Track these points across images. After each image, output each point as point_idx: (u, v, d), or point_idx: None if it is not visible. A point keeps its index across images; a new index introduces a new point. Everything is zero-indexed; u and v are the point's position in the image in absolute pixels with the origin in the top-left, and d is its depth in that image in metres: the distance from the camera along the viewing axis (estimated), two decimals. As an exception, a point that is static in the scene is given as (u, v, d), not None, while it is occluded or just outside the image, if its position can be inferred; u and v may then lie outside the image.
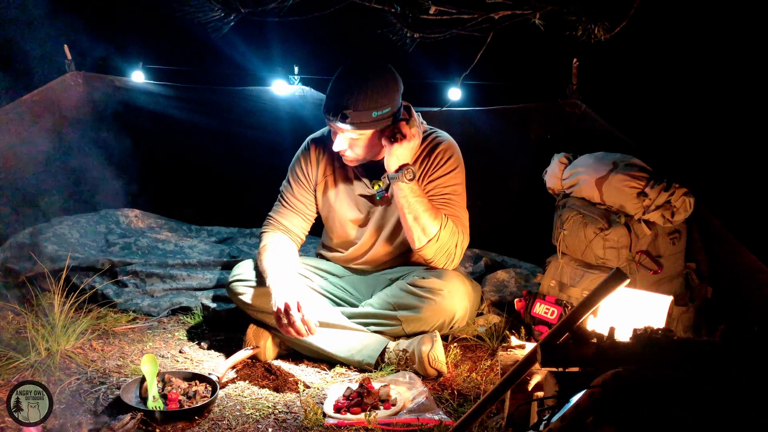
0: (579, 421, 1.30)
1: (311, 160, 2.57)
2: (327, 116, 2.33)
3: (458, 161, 2.50)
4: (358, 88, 2.28)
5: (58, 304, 2.37)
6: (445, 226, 2.38)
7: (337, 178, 2.56)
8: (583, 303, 1.48)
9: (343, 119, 2.28)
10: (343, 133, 2.35)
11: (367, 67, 2.35)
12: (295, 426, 2.01)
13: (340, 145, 2.38)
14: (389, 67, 2.37)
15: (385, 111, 2.32)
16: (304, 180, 2.58)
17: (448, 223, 2.38)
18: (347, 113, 2.27)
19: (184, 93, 3.59)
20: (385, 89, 2.32)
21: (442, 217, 2.38)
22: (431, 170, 2.48)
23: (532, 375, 1.80)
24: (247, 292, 2.46)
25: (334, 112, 2.29)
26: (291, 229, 2.56)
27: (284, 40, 3.42)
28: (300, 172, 2.58)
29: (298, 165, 2.59)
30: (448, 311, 2.40)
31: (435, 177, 2.47)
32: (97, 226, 3.46)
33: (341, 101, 2.28)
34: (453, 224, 2.40)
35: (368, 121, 2.31)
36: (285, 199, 2.60)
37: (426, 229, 2.36)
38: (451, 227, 2.39)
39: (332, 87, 2.34)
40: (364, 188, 2.52)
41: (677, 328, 2.45)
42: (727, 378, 1.34)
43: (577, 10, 1.83)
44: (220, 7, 2.01)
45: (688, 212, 2.46)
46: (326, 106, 2.33)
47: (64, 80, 3.53)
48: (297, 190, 2.58)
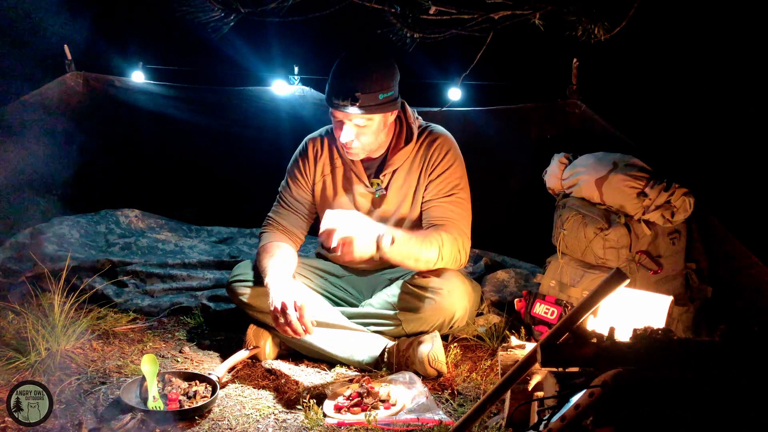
0: (579, 421, 1.30)
1: (309, 160, 2.56)
2: (334, 102, 2.28)
3: (456, 154, 2.49)
4: (362, 71, 2.27)
5: (58, 304, 2.37)
6: (443, 243, 2.34)
7: (336, 178, 2.55)
8: (583, 303, 1.48)
9: (354, 102, 2.25)
10: (350, 121, 2.32)
11: (367, 51, 2.33)
12: (295, 426, 2.01)
13: (348, 135, 2.34)
14: (385, 51, 2.35)
15: (390, 93, 2.31)
16: (302, 180, 2.58)
17: (444, 238, 2.35)
18: (357, 95, 2.24)
19: (184, 93, 3.59)
20: (388, 71, 2.31)
21: (435, 238, 2.33)
22: (430, 167, 2.46)
23: (532, 375, 1.80)
24: (247, 292, 2.46)
25: (343, 97, 2.25)
26: (290, 229, 2.56)
27: (284, 40, 3.42)
28: (298, 172, 2.58)
29: (296, 165, 2.59)
30: (447, 310, 2.40)
31: (435, 175, 2.46)
32: (97, 226, 3.46)
33: (348, 86, 2.25)
34: (448, 234, 2.37)
35: (376, 104, 2.28)
36: (284, 200, 2.59)
37: (429, 260, 2.34)
38: (449, 239, 2.36)
39: (335, 74, 2.31)
40: (363, 187, 2.52)
41: (677, 328, 2.45)
42: (727, 378, 1.34)
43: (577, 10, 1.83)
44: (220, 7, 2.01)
45: (688, 212, 2.46)
46: (331, 93, 2.29)
47: (64, 80, 3.53)
48: (295, 190, 2.58)
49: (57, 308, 2.36)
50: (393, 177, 2.49)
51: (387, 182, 2.49)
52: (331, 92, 2.30)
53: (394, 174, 2.49)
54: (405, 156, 2.47)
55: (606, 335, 1.43)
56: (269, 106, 3.49)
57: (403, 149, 2.46)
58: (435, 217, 2.43)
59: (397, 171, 2.49)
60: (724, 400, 1.30)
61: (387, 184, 2.48)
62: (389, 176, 2.49)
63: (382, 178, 2.48)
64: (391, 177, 2.49)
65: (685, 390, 1.31)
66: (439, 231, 2.38)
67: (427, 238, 2.34)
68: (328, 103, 2.32)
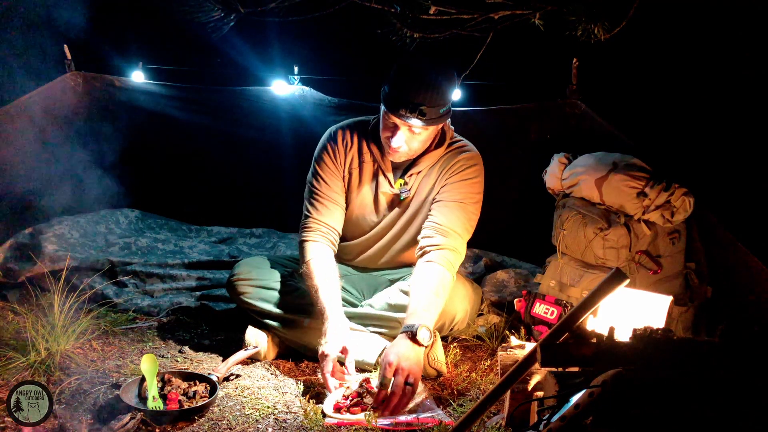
0: (579, 420, 1.30)
1: (339, 148, 2.49)
2: (398, 111, 2.24)
3: (479, 172, 2.45)
4: (430, 84, 2.23)
5: (58, 304, 2.37)
6: (444, 284, 2.28)
7: (363, 173, 2.50)
8: (583, 303, 1.48)
9: (421, 115, 2.23)
10: (409, 128, 2.29)
11: (432, 62, 2.29)
12: (295, 426, 2.01)
13: (400, 140, 2.31)
14: (450, 62, 2.33)
15: (448, 106, 2.31)
16: (335, 168, 2.49)
17: (443, 279, 2.28)
18: (424, 110, 2.22)
19: (184, 93, 3.59)
20: (452, 84, 2.30)
21: (444, 278, 2.28)
22: (449, 174, 2.43)
23: (532, 375, 1.80)
24: (247, 290, 2.46)
25: (411, 109, 2.22)
26: (332, 225, 2.47)
27: (284, 40, 3.42)
28: (330, 159, 2.48)
29: (326, 154, 2.49)
30: (448, 313, 2.40)
31: (451, 181, 2.42)
32: (97, 226, 3.46)
33: (416, 97, 2.22)
34: (450, 252, 2.32)
35: (437, 117, 2.27)
36: (319, 193, 2.47)
37: (448, 293, 2.32)
38: (448, 278, 2.30)
39: (400, 81, 2.25)
40: (388, 186, 2.48)
41: (677, 328, 2.45)
42: (727, 378, 1.34)
43: (577, 10, 1.83)
44: (220, 7, 2.01)
45: (688, 212, 2.46)
46: (397, 101, 2.24)
47: (64, 80, 3.53)
48: (330, 179, 2.48)
49: (57, 308, 2.36)
50: (420, 183, 2.46)
51: (411, 185, 2.46)
52: (396, 100, 2.24)
53: (420, 180, 2.46)
54: (432, 160, 2.44)
55: (606, 335, 1.43)
56: (269, 106, 3.49)
57: (432, 153, 2.43)
58: (437, 223, 2.38)
59: (423, 177, 2.46)
60: (724, 400, 1.30)
61: (411, 187, 2.46)
62: (415, 178, 2.46)
63: (407, 179, 2.46)
64: (419, 183, 2.46)
65: (685, 390, 1.31)
66: (441, 258, 2.30)
67: (439, 284, 2.27)
68: (390, 109, 2.26)
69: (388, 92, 2.27)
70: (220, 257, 3.29)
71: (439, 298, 2.25)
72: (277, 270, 2.54)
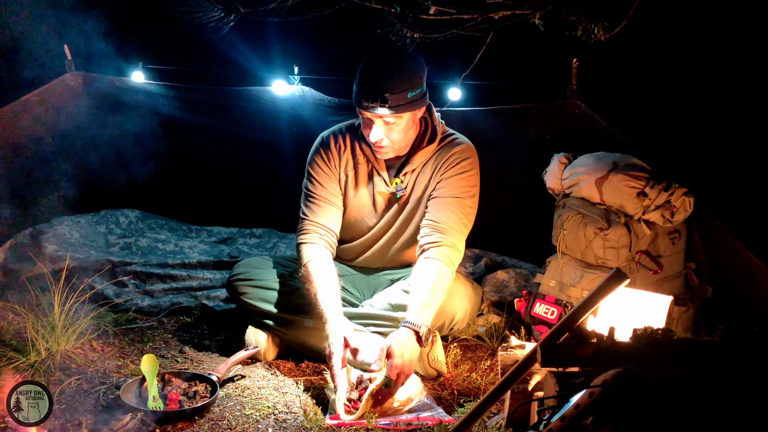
0: (579, 420, 1.30)
1: (333, 153, 2.50)
2: (363, 104, 2.26)
3: (474, 164, 2.45)
4: (390, 71, 2.25)
5: (58, 304, 2.37)
6: (443, 280, 2.28)
7: (359, 174, 2.50)
8: (583, 303, 1.48)
9: (383, 102, 2.23)
10: (380, 119, 2.30)
11: (393, 50, 2.26)
12: (295, 426, 2.01)
13: (377, 134, 2.32)
14: (412, 50, 2.34)
15: (418, 91, 2.29)
16: (329, 171, 2.50)
17: (441, 275, 2.28)
18: (386, 96, 2.22)
19: (184, 93, 3.59)
20: (415, 68, 2.30)
21: (438, 285, 2.26)
22: (444, 169, 2.43)
23: (532, 375, 1.80)
24: (247, 291, 2.46)
25: (372, 98, 2.23)
26: (329, 226, 2.47)
27: (284, 40, 3.42)
28: (324, 164, 2.49)
29: (319, 158, 2.50)
30: (448, 312, 2.40)
31: (448, 176, 2.42)
32: (97, 226, 3.46)
33: (377, 86, 2.23)
34: (448, 249, 2.31)
35: (405, 103, 2.27)
36: (315, 196, 2.48)
37: (447, 289, 2.32)
38: (447, 274, 2.29)
39: (362, 76, 2.29)
40: (383, 185, 2.49)
41: (677, 328, 2.45)
42: (727, 378, 1.34)
43: (577, 10, 1.82)
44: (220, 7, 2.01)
45: (688, 212, 2.46)
46: (360, 94, 2.27)
47: (64, 80, 3.53)
48: (325, 182, 2.49)
49: (57, 308, 2.36)
50: (416, 181, 2.46)
51: (407, 183, 2.47)
52: (359, 94, 2.28)
53: (415, 177, 2.46)
54: (425, 156, 2.44)
55: (606, 335, 1.43)
56: (269, 106, 3.49)
57: (425, 149, 2.44)
58: (434, 220, 2.38)
59: (418, 174, 2.46)
60: (724, 400, 1.30)
61: (407, 185, 2.47)
62: (410, 176, 2.47)
63: (402, 178, 2.47)
64: (414, 181, 2.46)
65: (685, 390, 1.31)
66: (439, 254, 2.30)
67: (437, 280, 2.27)
68: (357, 104, 2.30)
69: (354, 89, 2.30)
70: (220, 257, 3.29)
71: (437, 294, 2.25)
72: (277, 270, 2.54)
